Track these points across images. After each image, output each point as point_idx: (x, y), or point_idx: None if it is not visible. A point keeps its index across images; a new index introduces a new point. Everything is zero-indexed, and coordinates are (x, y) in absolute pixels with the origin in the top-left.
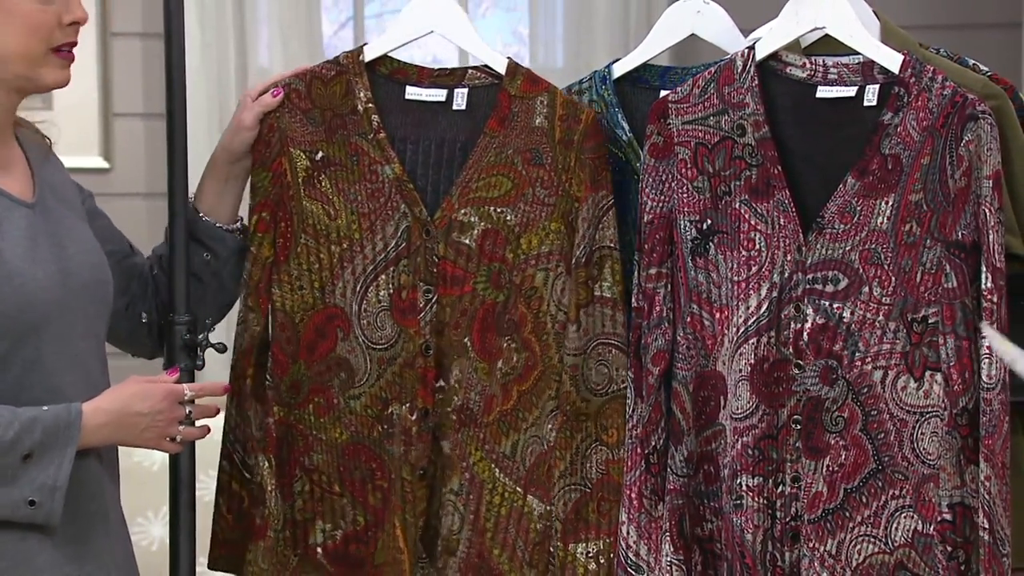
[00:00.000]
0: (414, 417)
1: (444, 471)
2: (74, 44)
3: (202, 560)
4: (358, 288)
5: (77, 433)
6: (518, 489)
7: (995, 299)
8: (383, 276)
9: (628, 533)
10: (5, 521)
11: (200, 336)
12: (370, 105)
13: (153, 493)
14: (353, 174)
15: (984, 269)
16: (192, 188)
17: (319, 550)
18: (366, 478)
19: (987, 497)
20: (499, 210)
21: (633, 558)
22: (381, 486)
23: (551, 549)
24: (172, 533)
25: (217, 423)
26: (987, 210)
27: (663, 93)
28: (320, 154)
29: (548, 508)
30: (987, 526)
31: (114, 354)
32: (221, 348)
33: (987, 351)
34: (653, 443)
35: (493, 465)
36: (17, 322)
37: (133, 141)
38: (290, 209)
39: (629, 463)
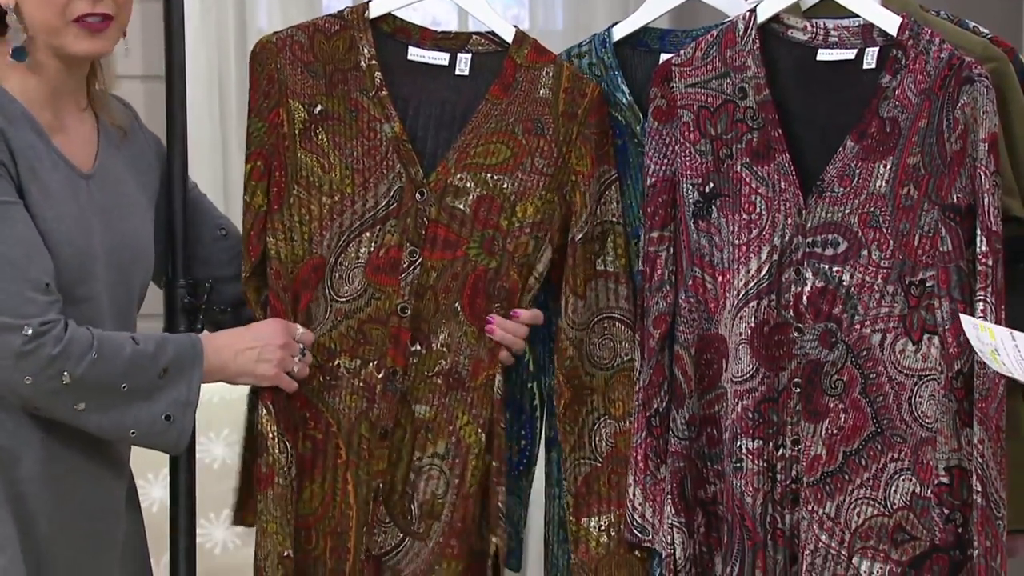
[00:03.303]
0: (381, 375)
1: (416, 435)
2: (101, 14)
3: (202, 521)
4: (341, 241)
5: (202, 353)
6: (485, 452)
7: (990, 262)
8: (368, 233)
9: (635, 496)
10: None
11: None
12: (373, 62)
13: (153, 454)
14: (351, 129)
15: (979, 232)
16: (191, 158)
17: (278, 482)
18: (297, 425)
19: (980, 460)
20: (496, 177)
21: (639, 520)
22: (312, 436)
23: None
24: (172, 495)
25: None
26: (983, 173)
27: (663, 56)
28: (319, 107)
29: (494, 464)
30: (980, 489)
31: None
32: (223, 311)
33: (981, 314)
34: (655, 406)
35: (479, 429)
36: (59, 288)
37: (132, 103)
38: (285, 160)
39: (635, 426)
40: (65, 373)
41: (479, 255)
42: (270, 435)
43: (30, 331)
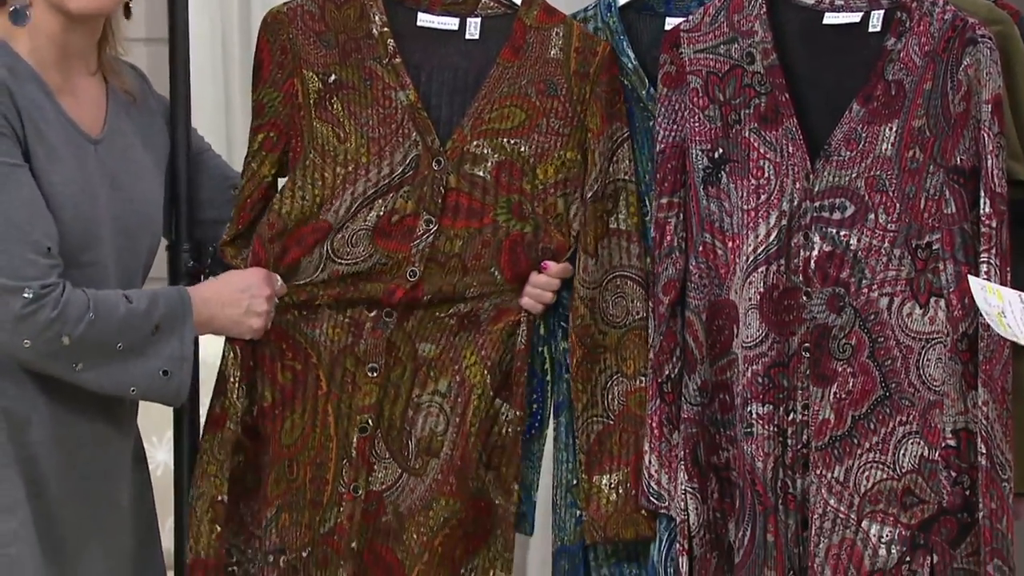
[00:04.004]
0: (372, 314)
1: (418, 372)
2: None
3: None
4: (352, 208)
5: (191, 306)
6: (490, 392)
7: (994, 224)
8: (380, 200)
9: (650, 462)
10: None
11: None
12: (385, 29)
13: (158, 418)
14: (366, 98)
15: (983, 194)
16: (195, 118)
17: (228, 426)
18: (275, 356)
19: (985, 423)
20: (512, 141)
21: (655, 487)
22: (291, 366)
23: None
24: (176, 458)
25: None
26: (986, 134)
27: (668, 20)
28: (333, 77)
29: (513, 412)
30: (985, 451)
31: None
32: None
33: (985, 276)
34: (667, 372)
35: (485, 371)
36: (63, 252)
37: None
38: (301, 128)
39: (649, 393)
40: (64, 336)
41: (509, 220)
42: (231, 379)
43: (30, 294)
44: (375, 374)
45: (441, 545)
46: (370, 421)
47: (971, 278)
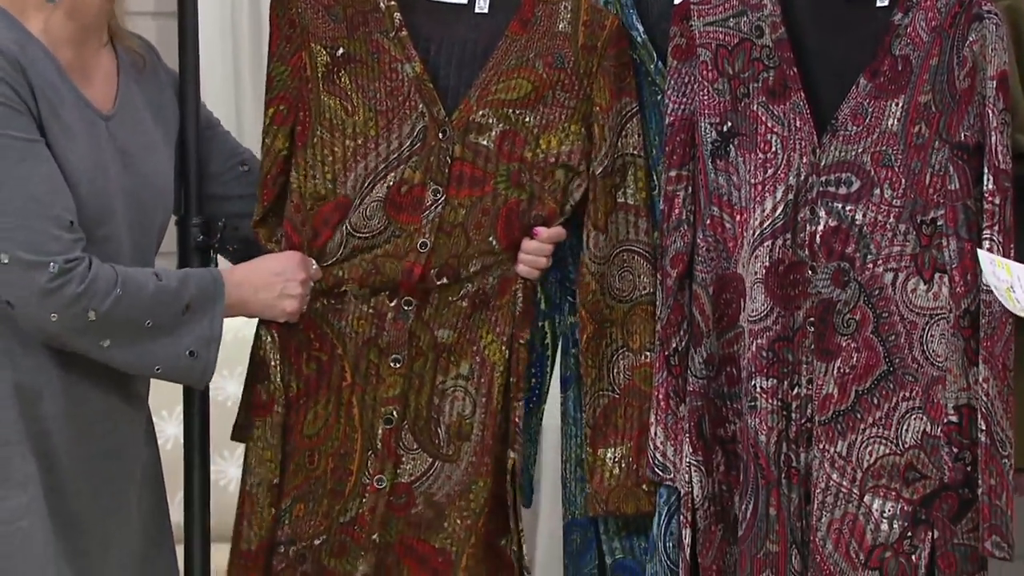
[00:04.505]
0: (393, 304)
1: (439, 359)
2: None
3: (216, 458)
4: (367, 183)
5: (223, 288)
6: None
7: (997, 201)
8: (392, 174)
9: (656, 434)
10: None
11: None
12: (392, 3)
13: (168, 393)
14: (373, 71)
15: (986, 171)
16: (204, 92)
17: (277, 410)
18: (302, 346)
19: (985, 399)
20: (518, 112)
21: (660, 459)
22: (317, 357)
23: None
24: (186, 432)
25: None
26: (991, 111)
27: None
28: (341, 50)
29: (511, 380)
30: (984, 427)
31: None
32: (235, 250)
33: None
34: (674, 345)
35: (503, 347)
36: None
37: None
38: (308, 102)
39: (656, 365)
40: (91, 311)
41: (508, 188)
42: (272, 363)
43: (55, 268)
44: (399, 365)
45: (484, 526)
46: (395, 412)
47: (981, 252)
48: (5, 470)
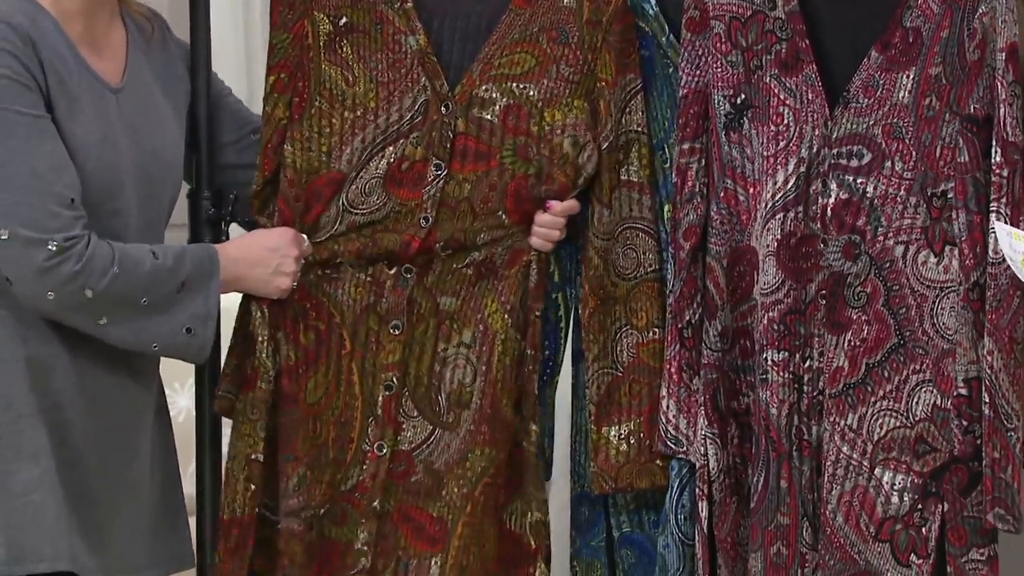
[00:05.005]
0: (392, 272)
1: (441, 326)
2: None
3: (228, 431)
4: (363, 157)
5: (218, 265)
6: (517, 336)
7: (1005, 173)
8: (391, 147)
9: (668, 408)
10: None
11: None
12: None
13: (180, 365)
14: (375, 42)
15: (995, 143)
16: (215, 65)
17: (261, 386)
18: (298, 316)
19: (990, 372)
20: (521, 86)
21: (673, 432)
22: (315, 326)
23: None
24: (198, 406)
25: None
26: (1000, 83)
27: None
28: (344, 20)
29: (529, 352)
30: (989, 400)
31: None
32: (246, 222)
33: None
34: (687, 318)
35: (506, 315)
36: (87, 202)
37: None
38: (308, 71)
39: (668, 338)
40: (87, 288)
41: (515, 163)
42: (260, 338)
43: (54, 247)
44: (398, 332)
45: (482, 495)
46: (395, 379)
47: (998, 224)
48: (17, 443)
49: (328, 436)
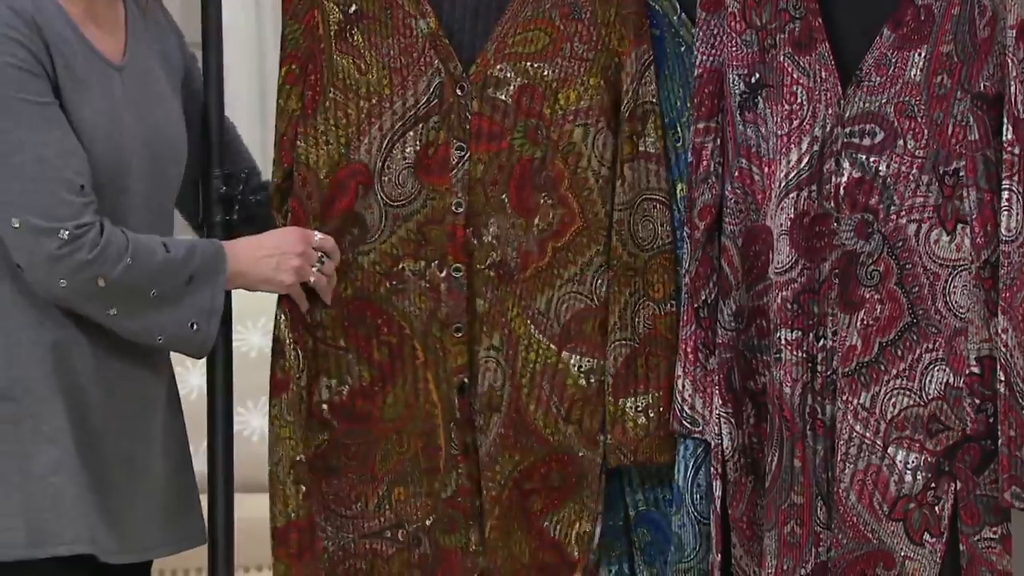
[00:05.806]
0: (443, 274)
1: (481, 328)
2: None
3: (240, 410)
4: (384, 145)
5: (225, 261)
6: (552, 346)
7: (1016, 151)
8: (411, 133)
9: (684, 387)
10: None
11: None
12: None
13: None
14: (386, 28)
15: (1006, 120)
16: (226, 50)
17: (324, 407)
18: (371, 333)
19: (1004, 350)
20: (536, 65)
21: (688, 411)
22: (388, 341)
23: (605, 405)
24: (209, 384)
25: None
26: (1011, 60)
27: None
28: (353, 7)
29: (591, 363)
30: (1003, 378)
31: None
32: (258, 201)
33: (1007, 204)
34: (703, 297)
35: (529, 321)
36: (96, 183)
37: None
38: (321, 62)
39: (683, 318)
40: (100, 277)
41: (523, 145)
42: (287, 341)
43: (66, 235)
44: (460, 334)
45: (509, 499)
46: (466, 380)
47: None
48: (36, 425)
49: (416, 447)
